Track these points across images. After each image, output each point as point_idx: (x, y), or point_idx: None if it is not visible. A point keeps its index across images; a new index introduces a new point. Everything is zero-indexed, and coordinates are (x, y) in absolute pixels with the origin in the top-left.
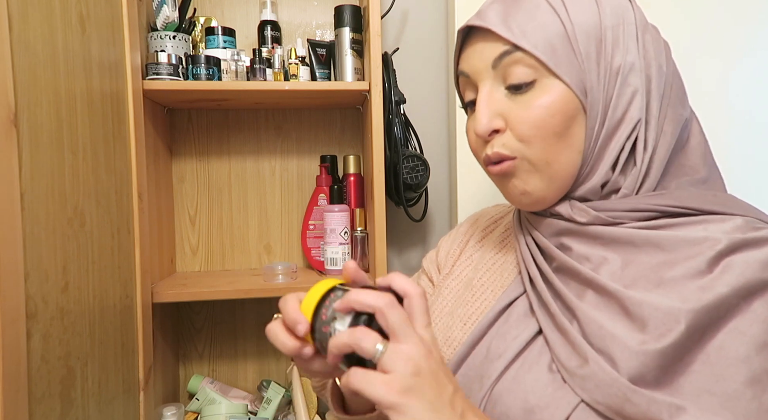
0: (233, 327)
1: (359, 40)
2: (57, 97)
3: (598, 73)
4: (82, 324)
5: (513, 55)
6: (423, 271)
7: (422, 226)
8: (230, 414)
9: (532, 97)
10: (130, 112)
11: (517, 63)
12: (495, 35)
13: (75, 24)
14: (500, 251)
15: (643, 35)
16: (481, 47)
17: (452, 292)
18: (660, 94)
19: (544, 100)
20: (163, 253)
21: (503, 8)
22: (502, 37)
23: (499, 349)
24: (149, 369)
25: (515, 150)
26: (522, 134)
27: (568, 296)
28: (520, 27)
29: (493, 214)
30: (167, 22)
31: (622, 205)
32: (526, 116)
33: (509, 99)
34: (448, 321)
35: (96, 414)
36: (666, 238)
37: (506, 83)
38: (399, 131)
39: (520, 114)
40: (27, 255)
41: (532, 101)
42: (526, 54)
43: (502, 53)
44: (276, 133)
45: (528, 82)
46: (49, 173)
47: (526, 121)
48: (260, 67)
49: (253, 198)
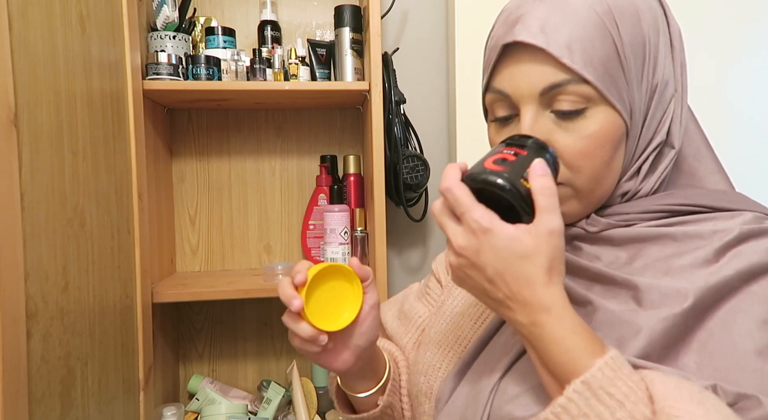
0: (233, 327)
1: (359, 40)
2: (57, 97)
3: (640, 92)
4: (82, 324)
5: (568, 87)
6: (432, 273)
7: (422, 226)
8: (230, 414)
9: (582, 126)
10: (130, 112)
11: (571, 92)
12: (551, 59)
13: (75, 24)
14: None
15: (673, 44)
16: (530, 70)
17: (463, 291)
18: (682, 101)
19: (595, 129)
20: (163, 253)
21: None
22: (563, 64)
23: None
24: (149, 369)
25: (562, 176)
26: (571, 164)
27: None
28: (582, 51)
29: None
30: (167, 22)
31: (634, 208)
32: (575, 146)
33: (556, 124)
34: (459, 320)
35: (96, 414)
36: (675, 231)
37: (553, 107)
38: (399, 131)
39: (569, 143)
40: (27, 255)
41: (582, 130)
42: (584, 83)
43: (559, 82)
44: (276, 133)
45: (579, 110)
46: (49, 173)
47: (576, 151)
48: (260, 67)
49: (253, 198)
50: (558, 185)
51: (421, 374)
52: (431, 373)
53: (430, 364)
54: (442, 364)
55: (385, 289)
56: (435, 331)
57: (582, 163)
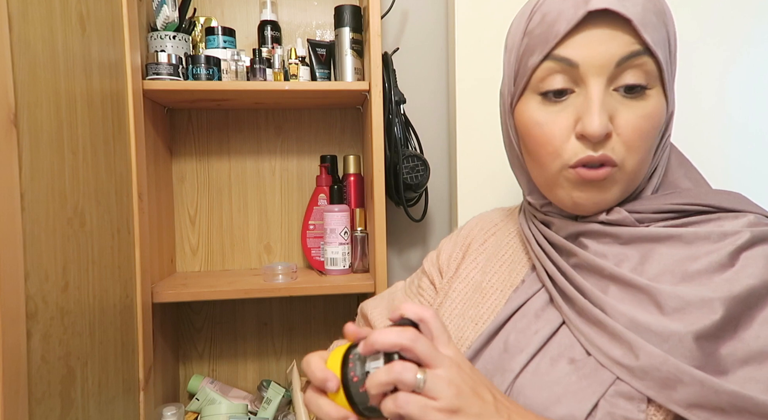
0: (233, 327)
1: (359, 40)
2: (57, 97)
3: (672, 87)
4: (82, 324)
5: (641, 58)
6: (424, 273)
7: (422, 226)
8: (230, 414)
9: (643, 105)
10: (130, 112)
11: (640, 66)
12: (630, 29)
13: (75, 24)
14: (507, 253)
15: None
16: (610, 39)
17: (461, 294)
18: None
19: (652, 109)
20: (163, 253)
21: None
22: (640, 36)
23: (520, 344)
24: (149, 369)
25: (619, 156)
26: (630, 142)
27: (592, 291)
28: (653, 29)
29: (494, 217)
30: (167, 22)
31: (645, 206)
32: (635, 123)
33: (618, 102)
34: (459, 322)
35: (96, 414)
36: (685, 232)
37: (618, 83)
38: (399, 131)
39: (630, 120)
40: (27, 255)
41: (642, 108)
42: (651, 58)
43: (634, 52)
44: (276, 133)
45: (643, 87)
46: (49, 173)
47: (635, 128)
48: (260, 67)
49: (253, 198)
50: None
51: None
52: None
53: None
54: None
55: (384, 289)
56: None
57: (639, 144)
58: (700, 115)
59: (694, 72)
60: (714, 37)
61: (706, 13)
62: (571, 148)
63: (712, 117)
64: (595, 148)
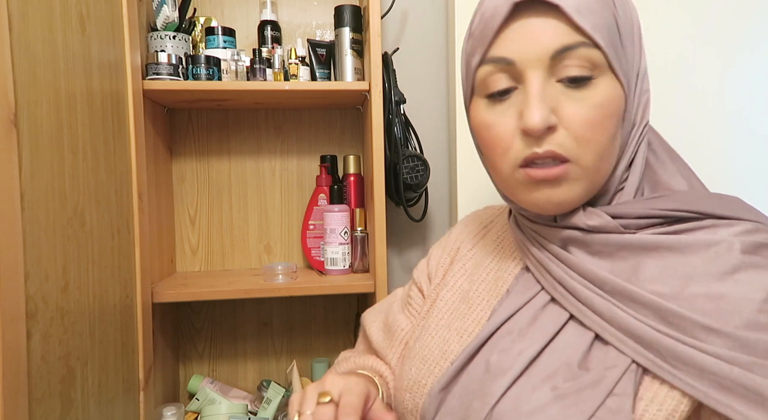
0: (233, 327)
1: (359, 40)
2: (57, 97)
3: (633, 73)
4: (82, 324)
5: (579, 49)
6: (413, 282)
7: (422, 226)
8: (230, 414)
9: (590, 95)
10: (130, 112)
11: (581, 57)
12: (564, 19)
13: (75, 24)
14: (495, 259)
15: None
16: (541, 31)
17: (447, 303)
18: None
19: (602, 98)
20: (163, 253)
21: None
22: (577, 26)
23: (503, 365)
24: (149, 369)
25: (570, 151)
26: (579, 134)
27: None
28: (591, 15)
29: (484, 218)
30: (167, 22)
31: (629, 210)
32: (584, 115)
33: (563, 94)
34: (444, 334)
35: (96, 414)
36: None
37: (560, 75)
38: (399, 131)
39: (578, 113)
40: (27, 255)
41: (590, 99)
42: (593, 48)
43: (570, 45)
44: (276, 133)
45: (587, 77)
46: (49, 173)
47: (585, 120)
48: (260, 67)
49: (253, 198)
50: (565, 162)
51: (406, 391)
52: (416, 389)
53: (415, 381)
54: (427, 381)
55: (385, 289)
56: (419, 345)
57: (591, 136)
58: (700, 115)
59: (694, 72)
60: (714, 37)
61: (706, 13)
62: (517, 146)
63: (712, 117)
64: (539, 144)
